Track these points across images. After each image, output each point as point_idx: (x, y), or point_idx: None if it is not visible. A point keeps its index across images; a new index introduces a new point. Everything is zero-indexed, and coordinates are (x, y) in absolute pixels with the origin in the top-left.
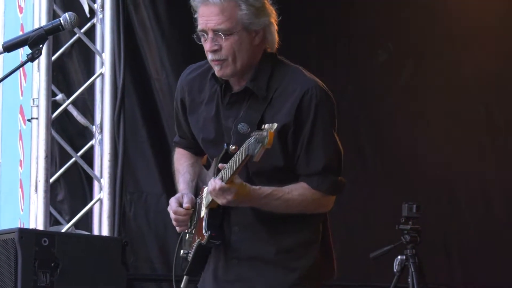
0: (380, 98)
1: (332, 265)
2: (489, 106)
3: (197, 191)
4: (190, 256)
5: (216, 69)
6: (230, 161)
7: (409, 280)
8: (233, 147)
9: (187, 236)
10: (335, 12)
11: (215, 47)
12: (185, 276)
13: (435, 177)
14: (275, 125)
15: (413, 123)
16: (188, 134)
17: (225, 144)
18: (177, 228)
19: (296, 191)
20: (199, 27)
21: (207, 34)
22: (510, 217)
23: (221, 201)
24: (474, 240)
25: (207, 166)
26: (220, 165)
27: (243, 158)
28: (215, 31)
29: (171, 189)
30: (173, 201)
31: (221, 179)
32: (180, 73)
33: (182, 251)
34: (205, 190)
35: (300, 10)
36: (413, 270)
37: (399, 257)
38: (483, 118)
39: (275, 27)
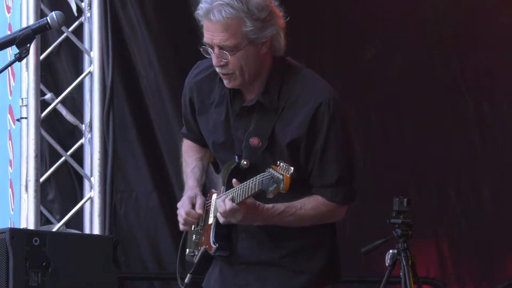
0: (368, 93)
1: (339, 269)
2: (478, 100)
3: (204, 189)
4: (196, 258)
5: (225, 82)
6: (244, 184)
7: (401, 274)
8: (245, 162)
9: (194, 237)
10: (323, 7)
11: (222, 63)
12: (189, 274)
13: (425, 171)
14: (291, 169)
15: (402, 118)
16: (196, 130)
17: (236, 157)
18: (181, 227)
19: (309, 204)
20: (205, 40)
21: (213, 48)
22: (500, 211)
23: (231, 220)
24: (465, 233)
25: (215, 166)
26: (234, 181)
27: (256, 190)
28: (220, 47)
29: (162, 187)
30: (186, 201)
31: (232, 199)
32: (168, 71)
33: (188, 250)
34: (214, 196)
35: (287, 6)
36: (404, 264)
37: (390, 251)
38: (472, 112)
39: (283, 33)
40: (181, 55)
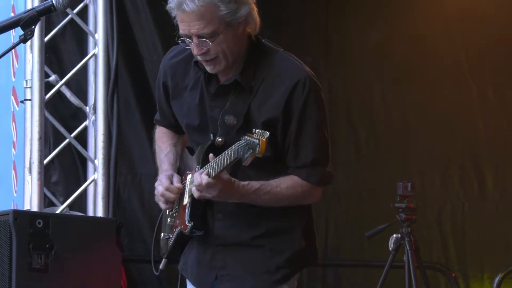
0: (372, 79)
1: (316, 250)
2: (482, 85)
3: (179, 173)
4: (171, 241)
5: (209, 68)
6: (218, 157)
7: (404, 258)
8: (220, 139)
9: (168, 220)
10: None
11: (203, 51)
12: (164, 259)
13: (428, 157)
14: (267, 133)
15: (406, 103)
16: (169, 116)
17: (211, 135)
18: (163, 205)
19: (285, 183)
20: (182, 32)
21: (191, 38)
22: (503, 196)
23: (206, 195)
24: (468, 218)
25: (190, 150)
26: (211, 155)
27: (231, 159)
28: (199, 36)
29: None
30: (164, 178)
31: (208, 174)
32: None
33: (162, 234)
34: (189, 177)
35: None
36: (408, 248)
37: (394, 235)
38: (476, 98)
39: (255, 9)
40: None
